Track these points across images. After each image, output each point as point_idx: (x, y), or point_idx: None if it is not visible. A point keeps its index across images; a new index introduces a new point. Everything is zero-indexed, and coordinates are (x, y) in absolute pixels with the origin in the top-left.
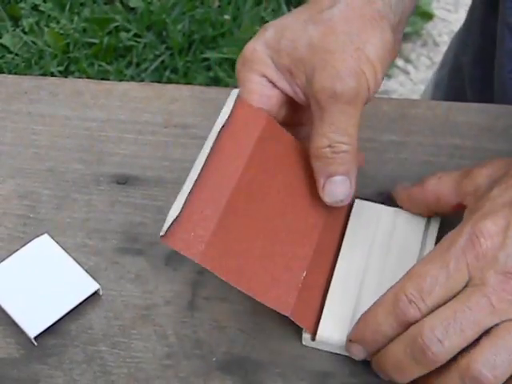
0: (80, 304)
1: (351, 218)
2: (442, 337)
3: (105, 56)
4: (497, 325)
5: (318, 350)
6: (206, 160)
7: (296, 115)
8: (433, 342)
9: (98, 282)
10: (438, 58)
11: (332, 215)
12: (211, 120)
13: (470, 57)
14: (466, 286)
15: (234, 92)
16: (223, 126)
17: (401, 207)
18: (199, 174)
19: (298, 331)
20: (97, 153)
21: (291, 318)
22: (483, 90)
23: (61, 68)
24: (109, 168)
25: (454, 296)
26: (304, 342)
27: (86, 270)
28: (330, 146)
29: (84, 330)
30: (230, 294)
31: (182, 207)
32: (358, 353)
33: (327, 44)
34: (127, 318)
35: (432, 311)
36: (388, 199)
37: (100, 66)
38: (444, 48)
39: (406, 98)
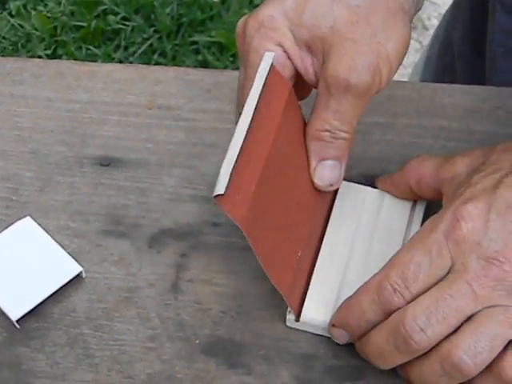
0: (63, 287)
1: (337, 199)
2: (424, 326)
3: (93, 39)
4: (479, 311)
5: (302, 332)
6: (250, 123)
7: (299, 91)
8: (415, 332)
9: (80, 265)
10: (428, 41)
11: (320, 197)
12: (196, 102)
13: (460, 32)
14: (448, 271)
15: (269, 55)
16: (261, 92)
17: None
18: (245, 139)
19: (281, 313)
20: (80, 135)
21: (284, 298)
22: (473, 65)
23: (48, 51)
24: (92, 150)
25: (437, 281)
26: (288, 324)
27: (69, 253)
28: (329, 131)
29: (67, 312)
30: (214, 277)
31: (232, 170)
32: (341, 337)
33: (351, 32)
34: (110, 301)
35: (416, 298)
36: (373, 181)
37: (88, 49)
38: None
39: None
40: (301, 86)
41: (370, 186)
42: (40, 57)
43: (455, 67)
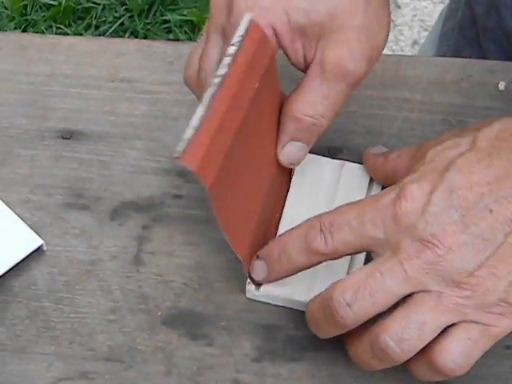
0: (23, 260)
1: (296, 170)
2: (351, 301)
3: (63, 18)
4: (411, 295)
5: (264, 303)
6: (221, 83)
7: None
8: (341, 306)
9: (42, 238)
10: (400, 19)
11: (282, 167)
12: (158, 74)
13: (483, 7)
14: (380, 247)
15: (248, 17)
16: (237, 51)
17: (347, 160)
18: (213, 98)
19: (242, 285)
20: (41, 108)
21: (242, 262)
22: (496, 39)
23: (18, 31)
24: (53, 123)
25: (363, 247)
26: (248, 295)
27: (30, 226)
28: (312, 117)
29: (27, 285)
30: (176, 249)
31: (198, 128)
32: (259, 270)
33: (351, 20)
34: (71, 274)
35: (337, 253)
36: (336, 153)
37: (58, 28)
38: (406, 10)
39: None
40: None
41: (333, 157)
42: None
43: (479, 41)
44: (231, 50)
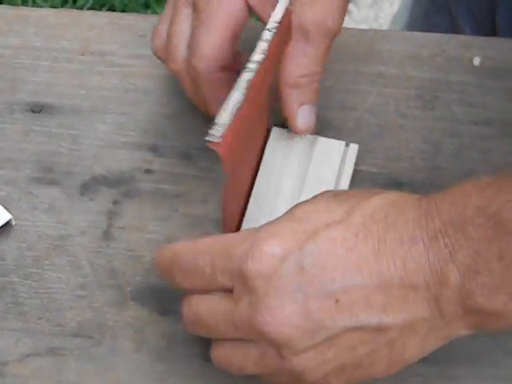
0: None
1: (268, 145)
2: (189, 323)
3: None
4: None
5: None
6: (257, 69)
7: None
8: (184, 322)
9: (10, 213)
10: None
11: (258, 146)
12: (129, 47)
13: None
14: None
15: (284, 3)
16: (272, 37)
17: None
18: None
19: None
20: (10, 80)
21: None
22: (466, 3)
23: None
24: (23, 96)
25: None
26: None
27: None
28: (307, 76)
29: None
30: (146, 224)
31: (232, 114)
32: None
33: None
34: (40, 249)
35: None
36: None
37: (34, 2)
38: None
39: None
40: None
41: None
42: None
43: (449, 8)
44: (268, 35)
